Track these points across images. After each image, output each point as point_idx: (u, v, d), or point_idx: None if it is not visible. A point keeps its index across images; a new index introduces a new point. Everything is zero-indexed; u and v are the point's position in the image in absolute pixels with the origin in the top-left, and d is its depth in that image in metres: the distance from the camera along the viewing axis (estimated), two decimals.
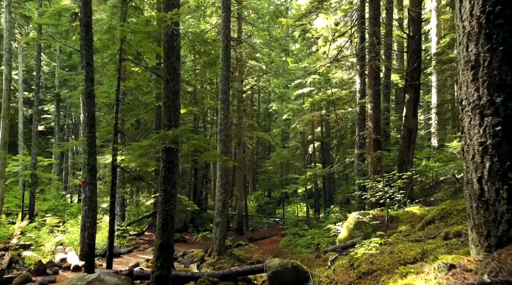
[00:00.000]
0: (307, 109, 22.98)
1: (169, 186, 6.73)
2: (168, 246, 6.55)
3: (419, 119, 15.88)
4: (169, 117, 6.84)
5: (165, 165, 6.77)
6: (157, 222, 6.70)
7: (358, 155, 12.71)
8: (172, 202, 6.71)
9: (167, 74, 6.97)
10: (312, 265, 6.51)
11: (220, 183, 13.75)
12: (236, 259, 14.04)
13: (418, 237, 4.50)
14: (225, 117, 13.94)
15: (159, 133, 6.73)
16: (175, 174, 6.85)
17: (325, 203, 23.95)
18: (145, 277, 8.11)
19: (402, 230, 7.09)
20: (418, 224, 6.74)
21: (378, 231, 7.87)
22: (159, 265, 6.41)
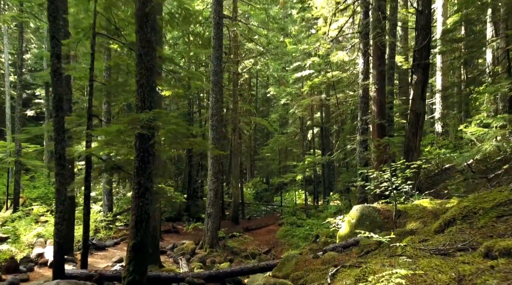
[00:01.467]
0: (306, 93, 21.93)
1: (144, 178, 5.79)
2: (143, 247, 5.66)
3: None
4: (142, 97, 5.85)
5: (138, 154, 5.83)
6: (130, 219, 5.80)
7: (360, 142, 11.75)
8: (147, 197, 5.79)
9: (140, 47, 5.95)
10: (308, 270, 5.63)
11: (212, 171, 12.85)
12: (229, 252, 13.26)
13: (441, 245, 3.58)
14: (217, 101, 12.94)
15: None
16: (151, 164, 5.91)
17: (324, 190, 23.14)
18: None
19: (413, 228, 6.19)
20: (432, 223, 5.83)
21: (383, 228, 6.99)
22: (131, 269, 5.53)
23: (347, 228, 7.63)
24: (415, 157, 10.42)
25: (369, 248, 5.89)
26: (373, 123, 11.34)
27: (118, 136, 5.72)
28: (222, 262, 11.84)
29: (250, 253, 13.03)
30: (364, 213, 7.34)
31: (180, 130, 5.77)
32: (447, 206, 6.69)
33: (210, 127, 12.98)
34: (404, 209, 7.25)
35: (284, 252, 14.19)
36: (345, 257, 6.07)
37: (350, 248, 6.60)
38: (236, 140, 19.76)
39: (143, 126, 5.69)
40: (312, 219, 17.10)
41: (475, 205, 4.55)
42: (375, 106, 11.41)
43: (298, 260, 6.35)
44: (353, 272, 3.83)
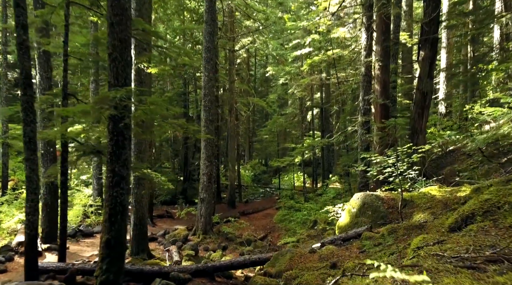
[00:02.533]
0: (305, 72, 21.02)
1: (118, 166, 5.10)
2: (118, 243, 5.03)
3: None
4: (115, 73, 5.09)
5: (112, 137, 5.11)
6: (103, 211, 5.16)
7: (362, 123, 11.03)
8: (122, 186, 5.12)
9: (112, 15, 5.14)
10: (304, 268, 5.02)
11: (205, 155, 12.18)
12: (224, 238, 12.74)
13: (464, 251, 2.92)
14: (210, 79, 12.14)
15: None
16: (127, 149, 5.20)
17: (323, 172, 22.57)
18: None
19: (421, 221, 5.55)
20: (443, 215, 5.18)
21: (387, 218, 6.36)
22: (105, 268, 4.92)
23: (347, 217, 7.01)
24: (421, 140, 9.72)
25: (372, 242, 5.26)
26: (376, 103, 10.59)
27: (84, 117, 4.99)
28: (216, 249, 11.33)
29: (245, 239, 12.51)
30: (366, 202, 6.70)
31: (157, 111, 5.04)
32: (458, 195, 6.04)
33: (203, 107, 12.23)
34: (410, 197, 6.60)
35: (281, 238, 13.70)
36: (345, 252, 5.46)
37: (351, 241, 5.99)
38: (232, 121, 19.02)
39: (117, 106, 4.96)
40: (311, 203, 16.57)
41: (499, 198, 3.88)
42: (378, 85, 10.63)
43: (293, 255, 5.74)
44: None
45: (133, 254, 9.25)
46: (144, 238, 9.48)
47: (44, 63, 9.81)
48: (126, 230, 5.27)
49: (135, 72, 9.26)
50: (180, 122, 5.43)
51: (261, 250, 11.90)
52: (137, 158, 9.28)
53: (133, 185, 9.41)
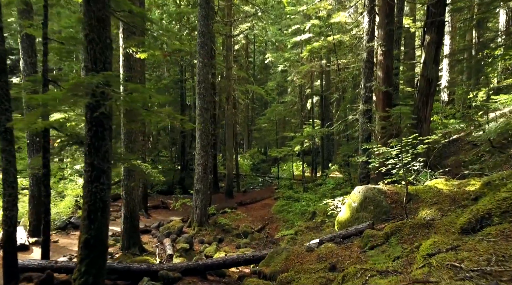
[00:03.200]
0: (305, 59, 20.41)
1: (98, 159, 4.65)
2: (98, 243, 4.62)
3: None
4: (93, 57, 4.60)
5: (90, 128, 4.65)
6: (82, 209, 4.74)
7: (363, 112, 10.56)
8: (102, 181, 4.68)
9: None
10: (300, 270, 4.62)
11: (200, 144, 11.73)
12: (220, 230, 12.39)
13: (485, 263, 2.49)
14: (205, 66, 11.60)
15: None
16: (107, 140, 4.75)
17: (323, 161, 22.17)
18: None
19: (428, 218, 5.13)
20: (451, 212, 4.76)
21: (390, 214, 5.94)
22: (83, 270, 4.52)
23: (347, 212, 6.60)
24: (425, 129, 9.28)
25: (375, 242, 4.86)
26: (378, 91, 10.10)
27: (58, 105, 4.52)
28: (211, 242, 10.97)
29: (242, 231, 12.16)
30: (367, 196, 6.28)
31: (138, 99, 4.57)
32: (467, 189, 5.61)
33: (198, 95, 11.73)
34: (415, 191, 6.18)
35: (279, 229, 13.36)
36: (345, 251, 5.06)
37: (351, 239, 5.59)
38: (230, 109, 18.51)
39: (94, 93, 4.49)
40: (310, 193, 16.19)
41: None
42: (381, 71, 10.12)
43: (289, 253, 5.35)
44: None
45: (124, 249, 8.89)
46: (135, 232, 9.11)
47: (27, 47, 9.28)
48: (108, 228, 4.86)
49: (123, 57, 8.76)
50: (166, 111, 4.96)
51: (258, 242, 11.56)
52: (127, 148, 8.84)
53: (123, 176, 9.00)
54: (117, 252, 8.87)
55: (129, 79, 8.75)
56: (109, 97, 4.23)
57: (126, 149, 8.84)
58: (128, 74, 8.75)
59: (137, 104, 4.57)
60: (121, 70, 8.83)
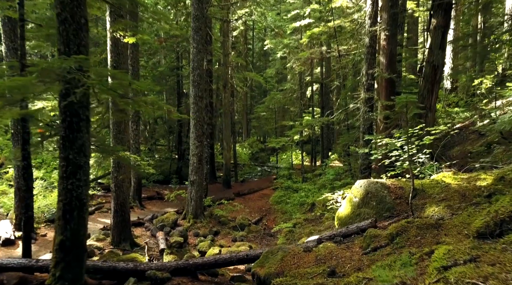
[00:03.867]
0: (305, 45, 19.78)
1: (73, 152, 4.21)
2: (75, 245, 4.21)
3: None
4: (65, 39, 4.12)
5: (64, 118, 4.20)
6: (57, 207, 4.32)
7: (365, 100, 10.06)
8: (79, 177, 4.25)
9: None
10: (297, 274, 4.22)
11: (195, 134, 11.28)
12: (216, 222, 12.04)
13: None
14: (199, 52, 11.07)
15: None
16: (84, 132, 4.30)
17: (322, 150, 21.74)
18: None
19: (436, 216, 4.71)
20: (463, 210, 4.33)
21: (395, 210, 5.53)
22: (58, 275, 4.12)
23: (348, 208, 6.19)
24: (431, 118, 8.81)
25: (378, 243, 4.45)
26: (381, 78, 9.60)
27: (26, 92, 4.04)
28: (207, 235, 10.63)
29: (239, 223, 11.81)
30: (370, 191, 5.86)
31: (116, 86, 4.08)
32: (478, 184, 5.19)
33: (192, 83, 11.23)
34: (421, 186, 5.75)
35: (276, 221, 13.01)
36: (345, 252, 4.66)
37: (352, 238, 5.19)
38: (227, 98, 18.01)
39: (68, 80, 4.01)
40: (309, 183, 15.81)
41: None
42: (384, 58, 9.60)
43: (285, 254, 4.94)
44: None
45: (114, 244, 8.53)
46: (126, 226, 8.73)
47: (9, 31, 8.73)
48: (86, 228, 4.44)
49: (111, 42, 8.23)
50: (150, 100, 4.49)
51: (255, 235, 11.22)
52: (116, 139, 8.39)
53: (113, 168, 8.58)
54: (107, 246, 8.51)
55: (117, 65, 8.25)
56: (80, 84, 3.75)
57: (115, 140, 8.40)
58: (116, 59, 8.24)
59: (116, 92, 4.10)
60: (108, 56, 8.32)
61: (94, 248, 8.20)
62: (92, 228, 10.34)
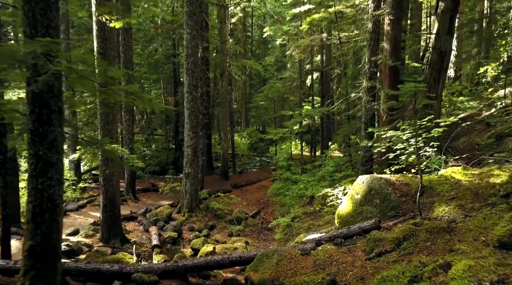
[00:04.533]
0: (305, 32, 19.14)
1: (44, 148, 3.76)
2: (47, 250, 3.79)
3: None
4: (32, 20, 3.62)
5: (33, 110, 3.73)
6: (26, 209, 3.89)
7: (367, 89, 9.56)
8: (50, 176, 3.80)
9: None
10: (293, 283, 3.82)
11: (190, 125, 10.82)
12: (212, 215, 11.67)
13: None
14: (193, 38, 10.53)
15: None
16: (56, 126, 3.84)
17: (322, 140, 21.30)
18: None
19: (447, 217, 4.29)
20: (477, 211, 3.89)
21: (400, 209, 5.10)
22: (28, 284, 3.72)
23: (349, 205, 5.77)
24: (437, 108, 8.35)
25: (383, 248, 4.04)
26: (385, 66, 9.09)
27: None
28: (202, 229, 10.27)
29: (236, 217, 11.44)
30: (373, 188, 5.43)
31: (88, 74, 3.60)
32: (492, 181, 4.76)
33: (186, 71, 10.71)
34: (429, 182, 5.32)
35: (274, 214, 12.65)
36: (347, 256, 4.25)
37: (354, 240, 4.77)
38: (225, 86, 17.45)
39: (34, 66, 3.54)
40: (308, 174, 15.41)
41: None
42: (388, 44, 9.06)
43: (280, 257, 4.54)
44: None
45: (103, 240, 8.15)
46: (116, 221, 8.33)
47: None
48: (60, 233, 4.02)
49: (97, 27, 7.72)
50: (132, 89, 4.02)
51: (252, 229, 10.86)
52: (103, 130, 7.93)
53: (101, 162, 8.16)
54: (96, 243, 8.13)
55: (104, 52, 7.74)
56: (44, 71, 3.28)
57: (103, 131, 7.94)
58: (103, 45, 7.73)
59: (87, 80, 3.62)
60: (94, 42, 7.81)
61: (82, 245, 7.83)
62: (82, 223, 9.98)
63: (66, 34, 12.44)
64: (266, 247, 9.46)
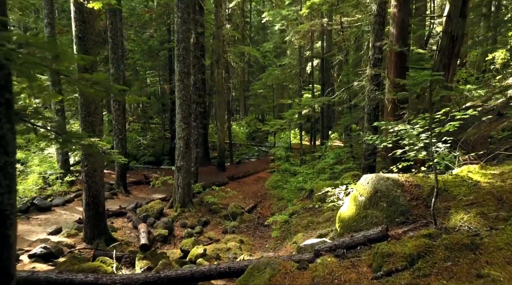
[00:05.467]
0: (305, 16, 18.31)
1: None
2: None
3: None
4: None
5: None
6: None
7: (371, 77, 8.89)
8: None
9: None
10: None
11: (181, 115, 10.18)
12: (206, 210, 11.12)
13: None
14: (184, 22, 9.79)
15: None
16: (2, 122, 3.21)
17: (322, 130, 20.65)
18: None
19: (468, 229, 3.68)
20: (505, 226, 3.28)
21: (410, 215, 4.50)
22: None
23: (352, 207, 5.16)
24: (447, 98, 7.68)
25: (393, 265, 3.44)
26: (391, 52, 8.38)
27: None
28: (195, 226, 9.73)
29: (231, 212, 10.89)
30: (379, 189, 4.82)
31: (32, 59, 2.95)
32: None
33: (176, 57, 10.02)
34: (443, 183, 4.70)
35: (272, 208, 12.10)
36: (350, 273, 3.67)
37: (358, 251, 4.18)
38: (220, 74, 16.73)
39: None
40: (308, 166, 14.82)
41: None
42: (394, 28, 8.34)
43: (273, 272, 3.96)
44: None
45: (87, 240, 7.60)
46: (100, 220, 7.76)
47: None
48: (13, 249, 3.41)
49: (75, 9, 6.99)
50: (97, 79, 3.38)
51: (248, 225, 10.32)
52: (84, 122, 7.30)
53: (83, 156, 7.54)
54: (79, 243, 7.58)
55: (84, 36, 7.04)
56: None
57: (84, 124, 7.31)
58: (82, 29, 7.02)
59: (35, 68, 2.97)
60: (73, 25, 7.10)
61: (63, 246, 7.28)
62: (68, 219, 9.43)
63: (50, 18, 11.67)
64: (262, 245, 8.94)
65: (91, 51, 7.12)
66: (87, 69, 6.04)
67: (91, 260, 6.48)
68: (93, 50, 7.21)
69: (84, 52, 7.03)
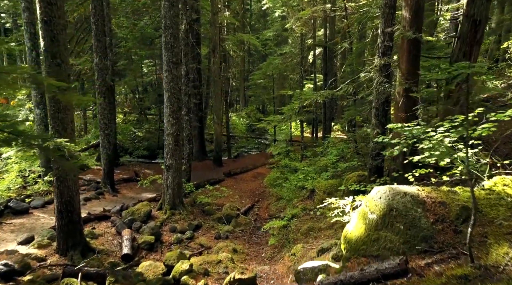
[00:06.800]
0: (306, 2, 17.24)
1: None
2: None
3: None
4: None
5: None
6: None
7: (380, 67, 7.91)
8: None
9: None
10: None
11: (170, 109, 9.28)
12: (199, 212, 10.29)
13: None
14: (172, 6, 8.82)
15: None
16: None
17: (324, 122, 19.69)
18: None
19: (508, 262, 2.80)
20: None
21: (434, 242, 3.62)
22: None
23: (361, 227, 4.29)
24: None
25: None
26: (403, 39, 7.40)
27: None
28: (186, 230, 8.91)
29: (225, 214, 10.05)
30: (394, 207, 3.93)
31: None
32: None
33: (164, 45, 9.05)
34: None
35: (270, 209, 11.26)
36: None
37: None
38: (216, 63, 15.72)
39: None
40: (309, 162, 13.91)
41: None
42: (407, 11, 7.34)
43: None
44: None
45: (60, 252, 6.78)
46: (75, 228, 6.91)
47: None
48: None
49: None
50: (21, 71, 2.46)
51: (243, 229, 9.51)
52: (54, 119, 6.40)
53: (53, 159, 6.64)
54: (51, 256, 6.75)
55: (50, 20, 6.10)
56: None
57: (54, 121, 6.41)
58: (48, 12, 6.07)
59: None
60: (37, 7, 6.15)
61: (32, 259, 6.47)
62: (45, 224, 8.60)
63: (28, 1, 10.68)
64: (258, 254, 8.11)
65: (59, 36, 6.19)
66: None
67: (59, 278, 5.67)
68: (62, 35, 6.27)
69: (52, 38, 6.11)
